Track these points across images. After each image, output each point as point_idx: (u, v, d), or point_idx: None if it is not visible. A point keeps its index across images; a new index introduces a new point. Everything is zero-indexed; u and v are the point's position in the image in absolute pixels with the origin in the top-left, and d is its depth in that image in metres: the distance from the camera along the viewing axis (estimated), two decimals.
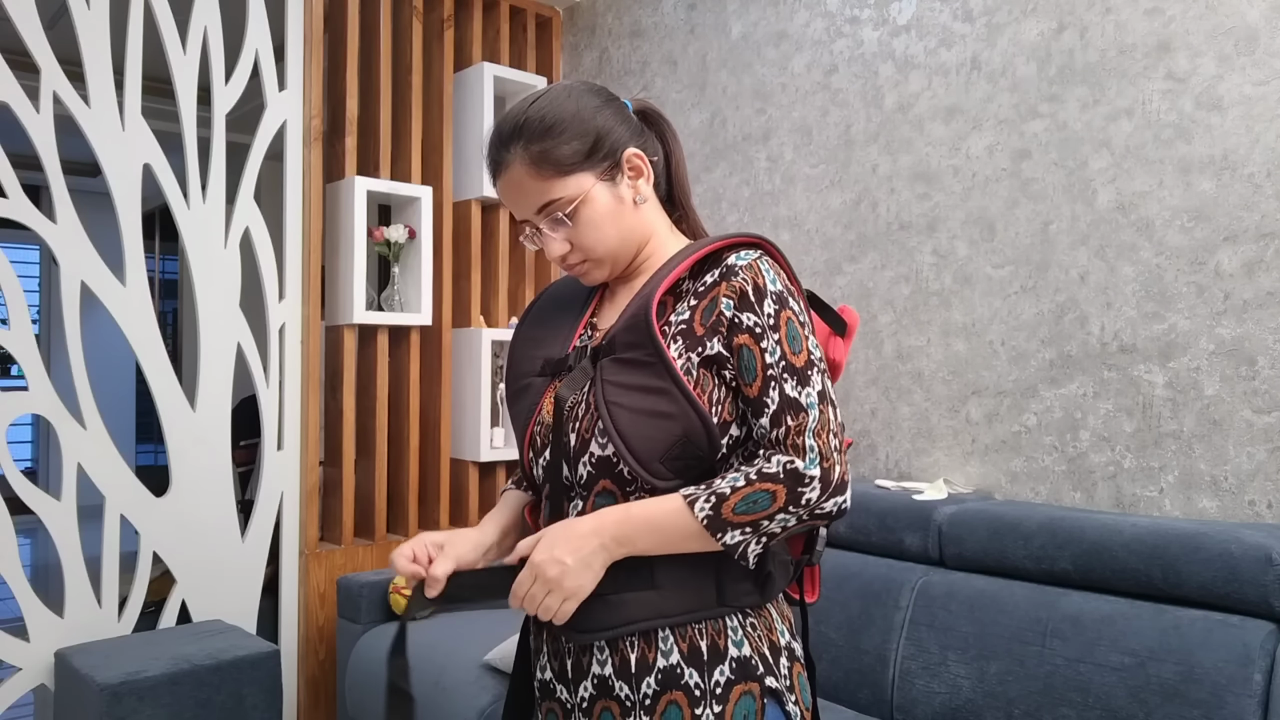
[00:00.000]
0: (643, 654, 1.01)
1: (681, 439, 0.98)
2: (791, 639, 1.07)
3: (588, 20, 3.43)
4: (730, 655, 1.00)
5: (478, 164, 3.14)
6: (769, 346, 0.99)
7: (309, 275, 2.85)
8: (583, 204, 1.06)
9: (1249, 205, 1.84)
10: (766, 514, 0.95)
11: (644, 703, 1.00)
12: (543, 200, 1.06)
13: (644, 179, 1.10)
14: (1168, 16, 1.96)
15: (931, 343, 2.36)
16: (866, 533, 2.15)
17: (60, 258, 2.46)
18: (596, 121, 1.07)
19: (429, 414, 3.16)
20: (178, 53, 2.63)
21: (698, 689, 0.99)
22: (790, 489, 0.95)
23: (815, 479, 0.95)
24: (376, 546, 2.97)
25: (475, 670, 2.21)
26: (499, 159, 1.08)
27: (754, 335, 1.00)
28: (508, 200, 1.10)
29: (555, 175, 1.05)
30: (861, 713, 1.98)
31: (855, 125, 2.54)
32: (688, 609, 1.00)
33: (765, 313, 1.00)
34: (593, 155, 1.06)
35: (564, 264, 1.10)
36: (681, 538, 0.97)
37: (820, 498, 0.96)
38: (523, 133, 1.05)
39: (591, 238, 1.07)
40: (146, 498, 2.59)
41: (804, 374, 0.99)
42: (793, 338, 1.00)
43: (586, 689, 1.04)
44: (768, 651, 1.02)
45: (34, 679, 2.41)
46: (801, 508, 0.96)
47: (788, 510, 0.95)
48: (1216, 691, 1.54)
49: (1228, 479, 1.86)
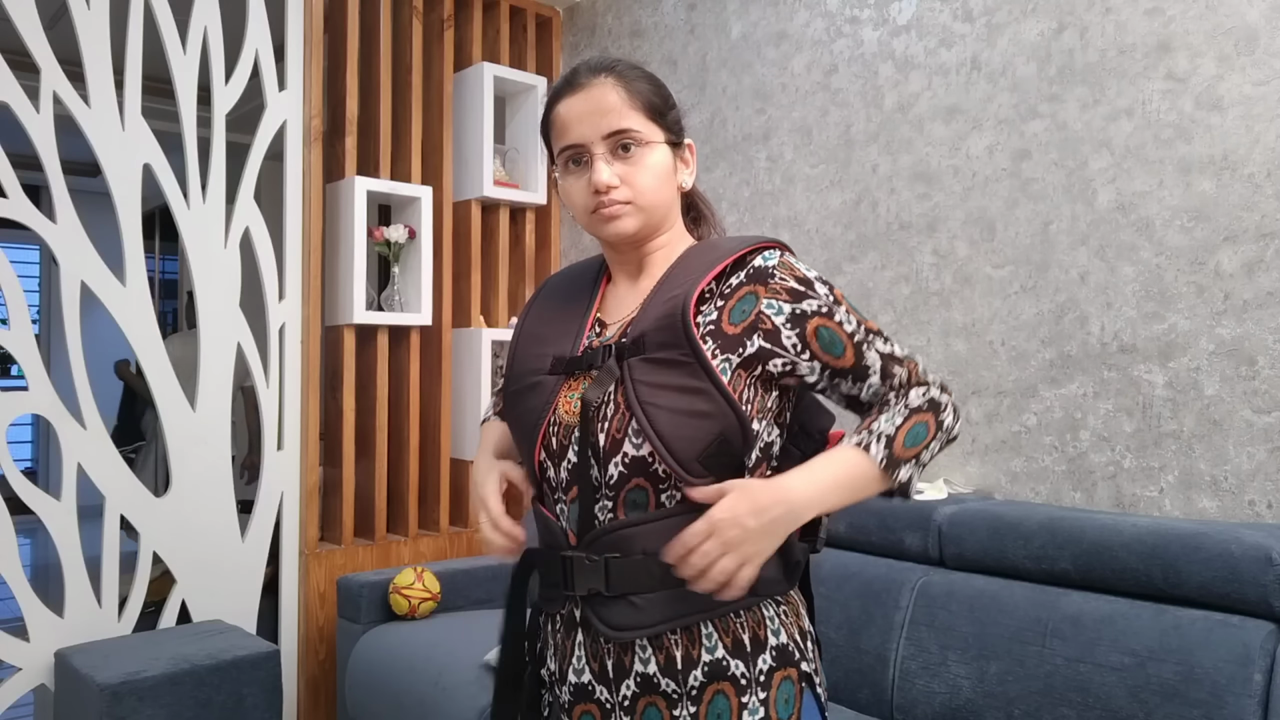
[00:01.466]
0: (687, 650, 1.02)
1: (719, 438, 0.99)
2: (809, 622, 1.11)
3: (588, 20, 3.43)
4: (770, 644, 1.04)
5: (478, 164, 3.14)
6: (843, 319, 1.04)
7: (309, 275, 2.85)
8: (650, 148, 1.08)
9: (1249, 205, 1.84)
10: (926, 444, 1.04)
11: (690, 693, 1.01)
12: (620, 125, 1.06)
13: (688, 171, 1.15)
14: (1168, 16, 1.96)
15: (931, 343, 2.36)
16: (866, 533, 2.15)
17: (60, 258, 2.46)
18: (674, 100, 1.14)
19: (429, 414, 3.16)
20: (178, 53, 2.63)
21: (744, 678, 1.02)
22: (936, 416, 1.04)
23: (949, 404, 1.06)
24: (376, 546, 2.97)
25: (475, 670, 2.21)
26: (583, 79, 1.08)
27: (825, 315, 1.04)
28: (574, 118, 1.07)
29: (639, 109, 1.07)
30: (861, 713, 1.98)
31: (855, 125, 2.54)
32: (725, 602, 0.99)
33: (821, 294, 1.04)
34: (668, 119, 1.11)
35: (602, 199, 1.07)
36: (864, 484, 1.02)
37: (954, 421, 1.07)
38: (617, 69, 1.09)
39: (645, 181, 1.07)
40: (146, 498, 2.60)
41: (885, 336, 1.07)
42: (857, 309, 1.08)
43: (629, 687, 1.03)
44: (799, 637, 1.07)
45: (34, 679, 2.41)
46: (944, 432, 1.06)
47: (936, 437, 1.05)
48: (1216, 691, 1.54)
49: (1228, 479, 1.86)
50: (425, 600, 2.60)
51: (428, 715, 2.21)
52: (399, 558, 3.01)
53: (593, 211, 1.08)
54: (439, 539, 3.11)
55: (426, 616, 2.62)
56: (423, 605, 2.60)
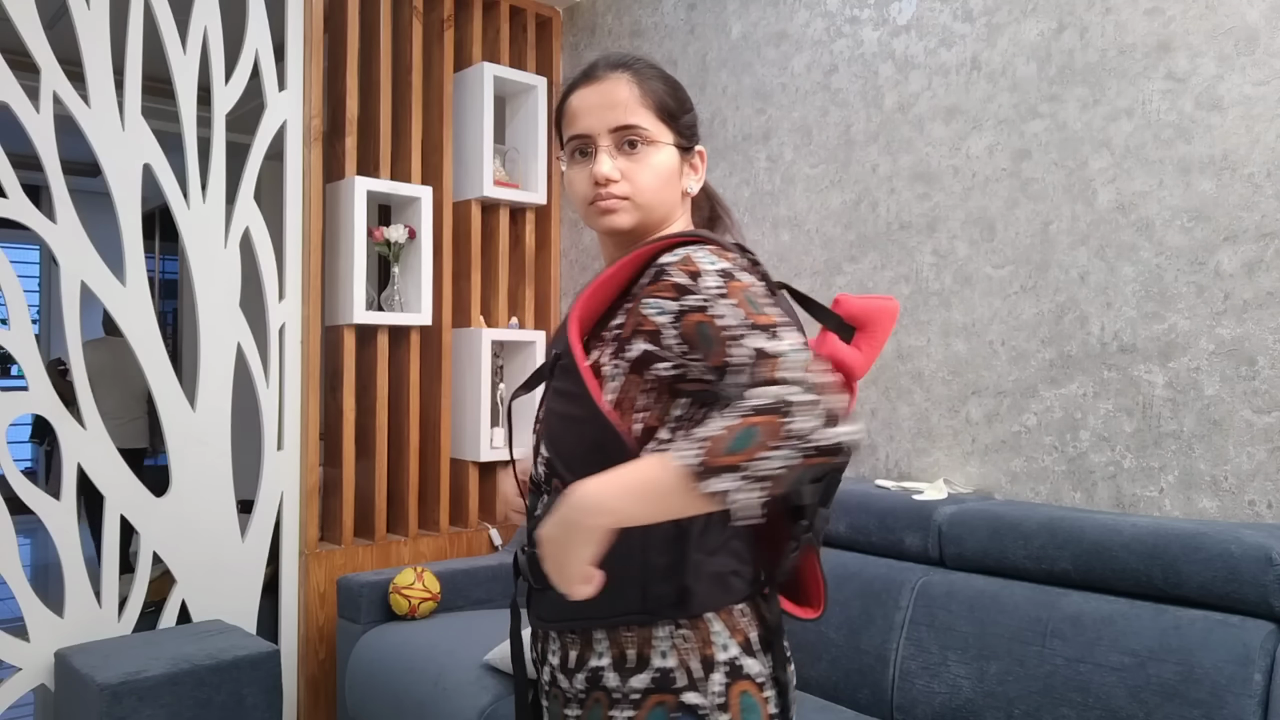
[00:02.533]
0: (581, 652, 1.04)
1: (594, 444, 0.99)
2: (742, 654, 1.01)
3: (588, 20, 3.43)
4: (653, 665, 1.00)
5: (478, 164, 3.14)
6: (722, 312, 0.93)
7: (309, 275, 2.85)
8: (656, 148, 1.08)
9: (1249, 205, 1.84)
10: (753, 452, 0.84)
11: (578, 696, 1.04)
12: (628, 120, 1.07)
13: (696, 178, 1.15)
14: (1168, 16, 1.96)
15: (931, 343, 2.36)
16: (866, 533, 2.15)
17: (60, 258, 2.46)
18: (690, 104, 1.14)
19: (429, 414, 3.16)
20: (178, 53, 2.63)
21: (616, 693, 1.01)
22: (780, 418, 0.84)
23: (807, 404, 0.85)
24: (376, 546, 2.97)
25: (475, 670, 2.21)
26: (600, 72, 1.09)
27: (703, 310, 0.95)
28: (585, 109, 1.08)
29: (651, 108, 1.08)
30: (861, 713, 1.98)
31: (855, 125, 2.54)
32: (614, 612, 1.00)
33: (707, 286, 0.96)
34: (681, 123, 1.11)
35: (600, 193, 1.08)
36: (666, 493, 0.87)
37: (817, 426, 0.85)
38: (633, 67, 1.09)
39: (646, 179, 1.07)
40: (146, 498, 2.60)
41: (773, 330, 0.91)
42: (751, 302, 0.94)
43: (545, 672, 1.11)
44: (697, 665, 0.99)
45: (34, 679, 2.41)
46: (795, 439, 0.84)
47: (783, 444, 0.84)
48: (1216, 691, 1.54)
49: (1228, 479, 1.86)
50: (425, 600, 2.60)
51: (428, 715, 2.21)
52: (399, 558, 3.01)
53: (591, 203, 1.09)
54: (439, 539, 3.11)
55: (426, 616, 2.62)
56: (423, 605, 2.60)
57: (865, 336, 1.05)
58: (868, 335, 1.05)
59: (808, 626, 2.12)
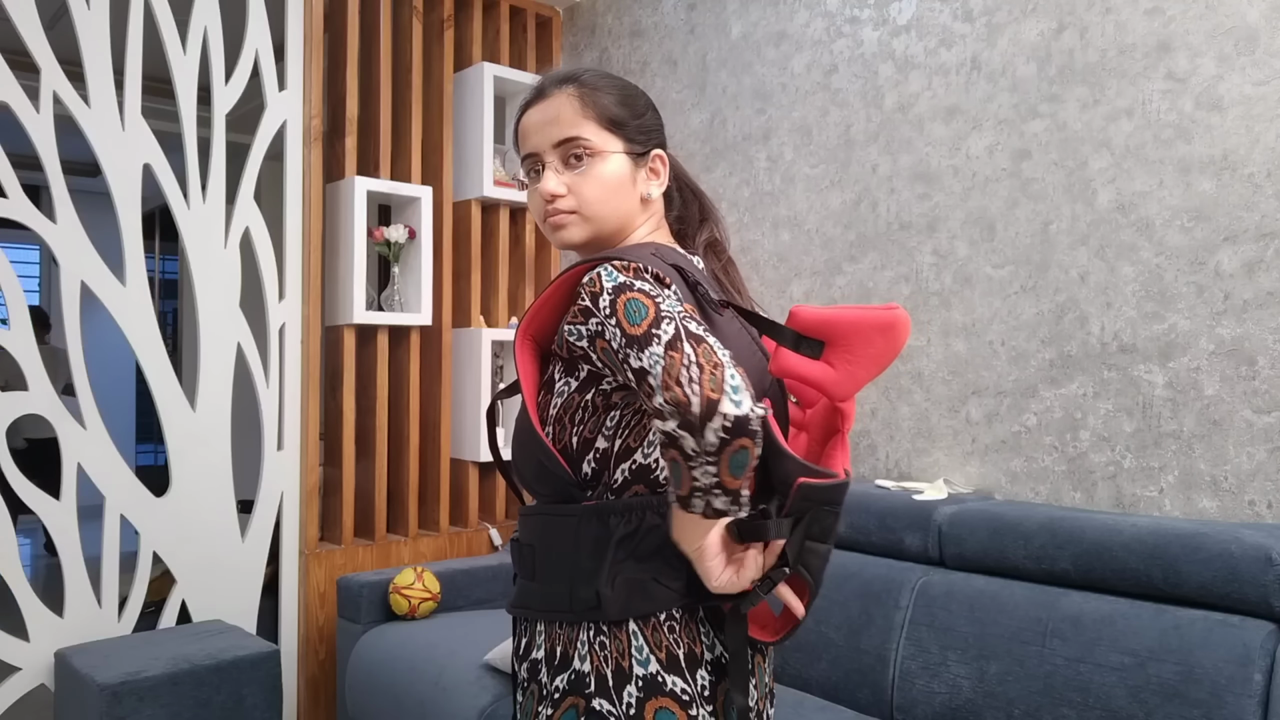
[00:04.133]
0: (529, 640, 1.08)
1: (539, 465, 1.03)
2: (664, 671, 0.98)
3: (588, 20, 3.43)
4: (573, 666, 1.02)
5: (478, 164, 3.14)
6: (612, 334, 0.93)
7: (309, 275, 2.85)
8: (602, 158, 1.08)
9: (1249, 205, 1.84)
10: (686, 475, 0.86)
11: (522, 684, 1.09)
12: (570, 133, 1.08)
13: (657, 182, 1.13)
14: (1168, 16, 1.96)
15: (931, 343, 2.36)
16: (866, 533, 2.15)
17: (60, 258, 2.46)
18: (645, 109, 1.13)
19: (429, 414, 3.16)
20: (178, 53, 2.63)
21: (544, 688, 1.04)
22: (678, 449, 0.85)
23: (678, 429, 0.84)
24: (376, 546, 2.97)
25: (475, 670, 2.21)
26: (543, 88, 1.12)
27: (602, 334, 0.95)
28: (532, 127, 1.10)
29: (593, 119, 1.08)
30: (861, 713, 1.98)
31: (855, 125, 2.54)
32: (548, 607, 1.03)
33: (602, 308, 0.95)
34: (630, 129, 1.10)
35: (549, 209, 1.09)
36: (686, 526, 0.93)
37: (695, 438, 0.84)
38: (579, 79, 1.10)
39: (592, 191, 1.08)
40: (146, 498, 2.60)
41: (643, 339, 0.89)
42: (630, 314, 0.91)
43: None
44: (609, 674, 0.99)
45: (34, 679, 2.41)
46: (697, 457, 0.85)
47: (693, 465, 0.85)
48: (1216, 691, 1.54)
49: (1228, 479, 1.86)
50: (425, 600, 2.60)
51: (428, 715, 2.21)
52: (399, 558, 3.01)
53: (545, 220, 1.11)
54: (439, 539, 3.11)
55: (426, 616, 2.62)
56: (423, 605, 2.60)
57: (839, 351, 0.94)
58: (842, 349, 0.94)
59: (808, 626, 2.12)
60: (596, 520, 1.00)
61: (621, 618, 0.99)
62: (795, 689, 2.10)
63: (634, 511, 1.00)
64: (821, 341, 0.95)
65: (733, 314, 1.05)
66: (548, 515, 1.04)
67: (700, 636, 1.01)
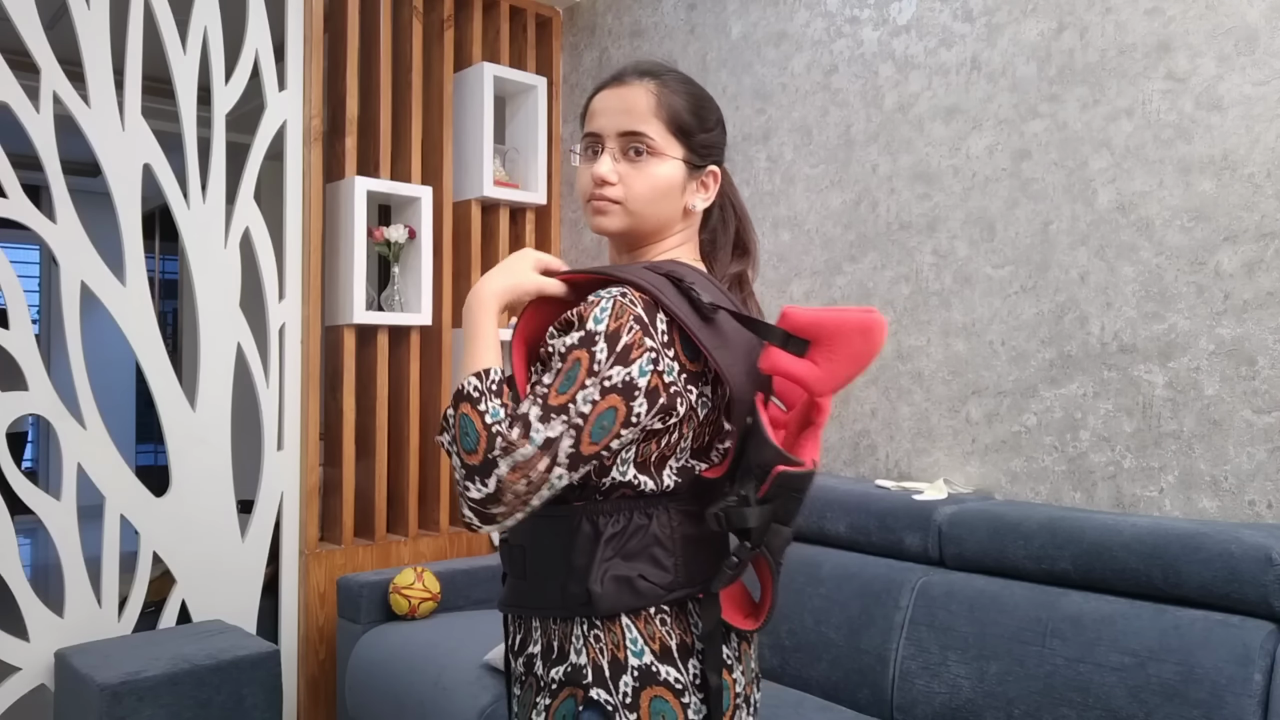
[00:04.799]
0: (524, 637, 1.12)
1: None
2: (658, 661, 1.03)
3: (588, 20, 3.43)
4: (569, 659, 1.05)
5: (478, 164, 3.14)
6: (555, 366, 0.98)
7: (309, 275, 2.85)
8: (660, 159, 1.10)
9: (1249, 205, 1.84)
10: (458, 430, 0.96)
11: (519, 677, 1.12)
12: (637, 127, 1.10)
13: (704, 196, 1.16)
14: (1168, 16, 1.96)
15: (931, 343, 2.36)
16: (866, 533, 2.15)
17: (60, 258, 2.46)
18: (715, 124, 1.16)
19: (429, 414, 3.16)
20: (178, 53, 2.63)
21: (540, 681, 1.08)
22: (488, 448, 0.93)
23: (474, 472, 0.94)
24: (376, 546, 2.97)
25: (475, 670, 2.21)
26: (623, 75, 1.13)
27: (555, 350, 1.00)
28: (602, 109, 1.12)
29: (663, 120, 1.10)
30: (861, 713, 1.98)
31: (855, 125, 2.54)
32: (544, 605, 1.07)
33: (566, 344, 0.99)
34: (695, 140, 1.12)
35: (596, 192, 1.11)
36: (463, 360, 1.03)
37: (465, 481, 0.94)
38: (660, 77, 1.12)
39: (643, 186, 1.10)
40: (146, 498, 2.60)
41: (551, 413, 0.95)
42: (570, 378, 0.96)
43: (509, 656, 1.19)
44: (605, 665, 1.03)
45: (34, 679, 2.41)
46: (461, 468, 0.95)
47: (456, 452, 0.96)
48: (1216, 691, 1.54)
49: (1228, 479, 1.86)
50: (425, 600, 2.60)
51: (428, 715, 2.21)
52: (399, 558, 3.01)
53: (588, 200, 1.13)
54: (439, 539, 3.11)
55: (426, 616, 2.62)
56: (423, 605, 2.60)
57: (823, 350, 1.00)
58: (826, 349, 1.00)
59: (808, 626, 2.12)
60: (586, 521, 1.05)
61: (612, 613, 1.03)
62: (795, 689, 2.09)
63: (621, 512, 1.05)
64: (807, 341, 1.00)
65: (726, 316, 1.07)
66: (539, 517, 1.06)
67: (690, 628, 1.07)
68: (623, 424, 0.97)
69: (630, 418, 0.97)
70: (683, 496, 1.08)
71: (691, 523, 1.07)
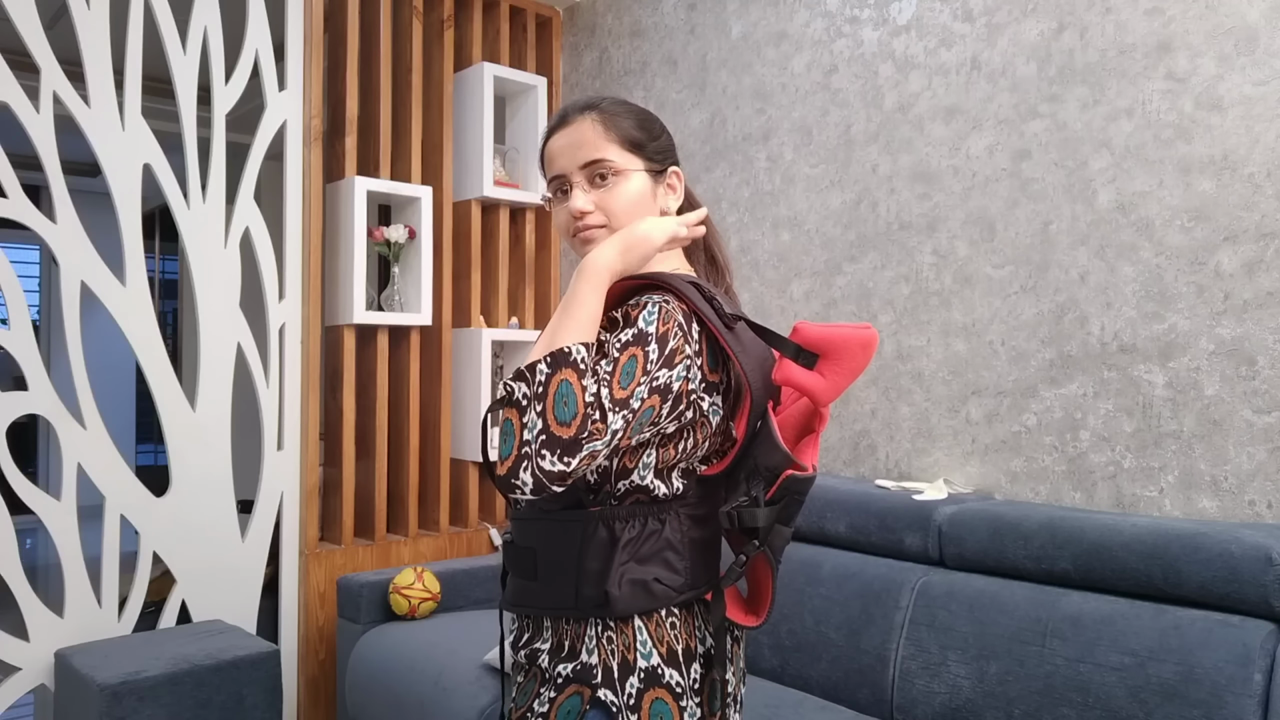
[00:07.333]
0: (532, 634, 1.15)
1: None
2: (664, 664, 1.07)
3: (588, 20, 3.43)
4: (580, 658, 1.09)
5: (478, 164, 3.14)
6: (614, 356, 1.00)
7: (309, 275, 2.85)
8: (625, 176, 1.16)
9: (1249, 205, 1.84)
10: (552, 403, 0.93)
11: (525, 668, 1.15)
12: (595, 156, 1.15)
13: (674, 196, 1.22)
14: (1168, 16, 1.96)
15: (931, 343, 2.36)
16: (866, 533, 2.15)
17: (60, 258, 2.46)
18: (660, 131, 1.22)
19: (429, 414, 3.16)
20: (178, 53, 2.63)
21: (546, 675, 1.11)
22: (569, 416, 0.93)
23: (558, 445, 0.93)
24: (376, 546, 2.97)
25: (475, 670, 2.21)
26: (568, 115, 1.19)
27: (607, 344, 1.02)
28: (559, 151, 1.18)
29: (616, 142, 1.16)
30: (861, 713, 1.98)
31: (855, 125, 2.54)
32: (556, 605, 1.10)
33: (620, 339, 1.01)
34: (649, 150, 1.19)
35: (578, 225, 1.16)
36: (551, 332, 1.01)
37: (544, 449, 0.93)
38: (599, 107, 1.18)
39: (618, 204, 1.15)
40: (146, 498, 2.60)
41: (616, 405, 0.97)
42: (628, 373, 0.99)
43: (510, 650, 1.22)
44: (615, 666, 1.07)
45: (34, 679, 2.41)
46: (542, 433, 0.93)
47: (521, 432, 0.94)
48: (1216, 691, 1.54)
49: (1228, 479, 1.86)
50: (425, 600, 2.60)
51: (428, 715, 2.21)
52: (399, 558, 3.01)
53: (573, 235, 1.18)
54: (439, 539, 3.11)
55: (426, 616, 2.62)
56: (423, 605, 2.60)
57: (830, 363, 1.05)
58: (832, 362, 1.05)
59: (808, 626, 2.12)
60: (602, 526, 1.08)
61: (627, 614, 1.07)
62: (795, 689, 2.10)
63: (636, 518, 1.09)
64: (817, 354, 1.06)
65: (743, 326, 1.12)
66: (550, 520, 1.10)
67: (695, 631, 1.11)
68: (651, 423, 1.02)
69: (656, 417, 1.02)
70: (690, 500, 1.12)
71: (698, 526, 1.12)
